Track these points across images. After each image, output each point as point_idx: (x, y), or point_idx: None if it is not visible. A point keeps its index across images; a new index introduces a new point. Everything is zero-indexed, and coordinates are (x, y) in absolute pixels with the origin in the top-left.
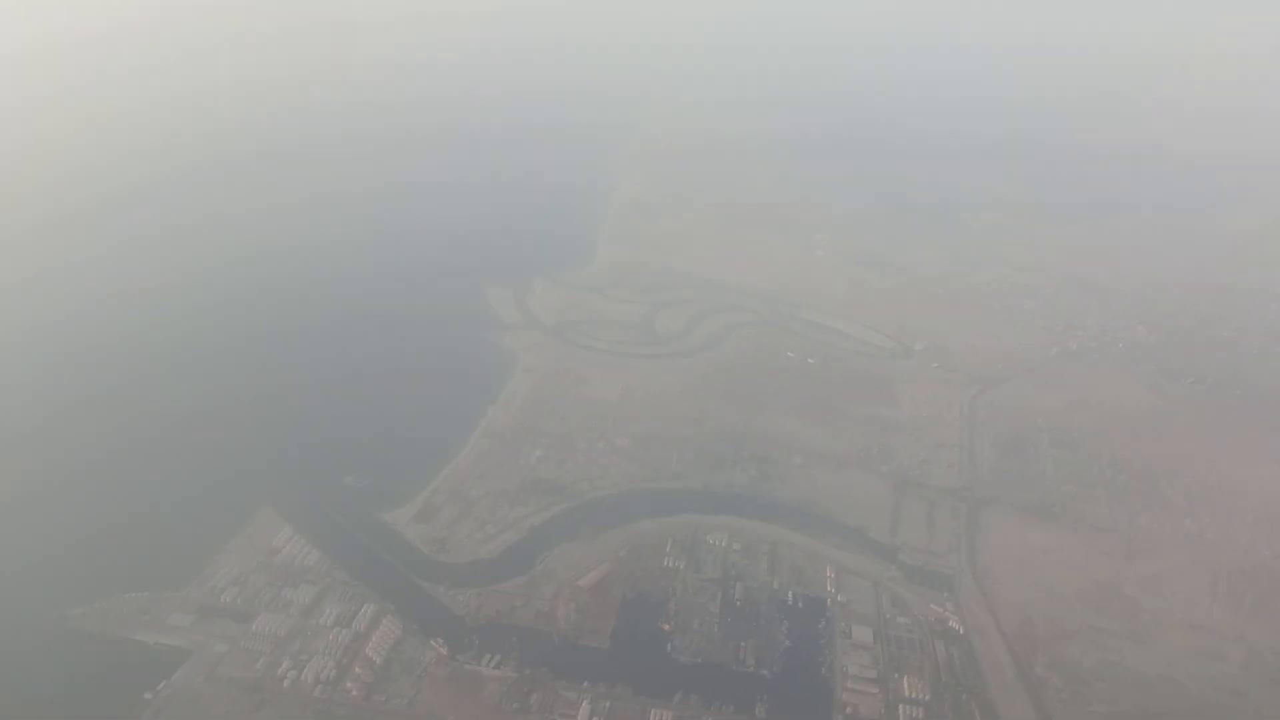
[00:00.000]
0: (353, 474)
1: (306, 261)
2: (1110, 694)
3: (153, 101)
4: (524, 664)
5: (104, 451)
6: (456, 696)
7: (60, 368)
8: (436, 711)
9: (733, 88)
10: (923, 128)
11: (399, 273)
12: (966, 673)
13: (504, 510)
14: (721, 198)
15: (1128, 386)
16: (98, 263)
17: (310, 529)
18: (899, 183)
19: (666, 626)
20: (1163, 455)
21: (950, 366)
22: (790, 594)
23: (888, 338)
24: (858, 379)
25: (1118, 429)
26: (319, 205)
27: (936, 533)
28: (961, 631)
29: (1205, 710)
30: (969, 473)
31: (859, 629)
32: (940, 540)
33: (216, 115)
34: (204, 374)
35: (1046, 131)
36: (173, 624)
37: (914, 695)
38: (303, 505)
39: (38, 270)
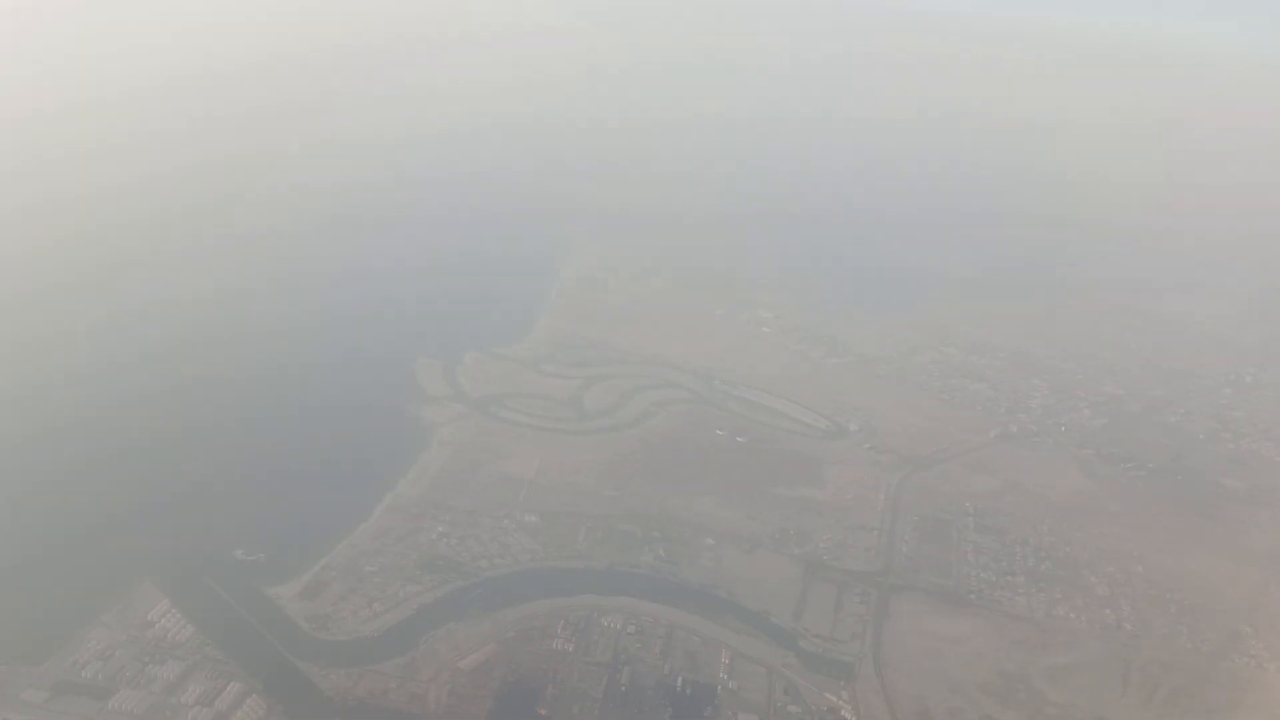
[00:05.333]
0: (244, 547)
1: (226, 329)
2: None
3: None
4: None
5: None
6: None
7: None
8: None
9: (698, 161)
10: (880, 201)
11: (325, 343)
12: None
13: (396, 587)
14: (674, 272)
15: (1063, 471)
16: None
17: (189, 603)
18: (852, 258)
19: (544, 712)
20: (1090, 543)
21: (883, 448)
22: (680, 680)
23: (823, 417)
24: (785, 459)
25: (1047, 515)
26: (254, 278)
27: (842, 619)
28: None
29: None
30: (885, 557)
31: (746, 717)
32: (845, 627)
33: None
34: (95, 440)
35: (1003, 206)
36: (25, 699)
37: None
38: (186, 578)
39: None
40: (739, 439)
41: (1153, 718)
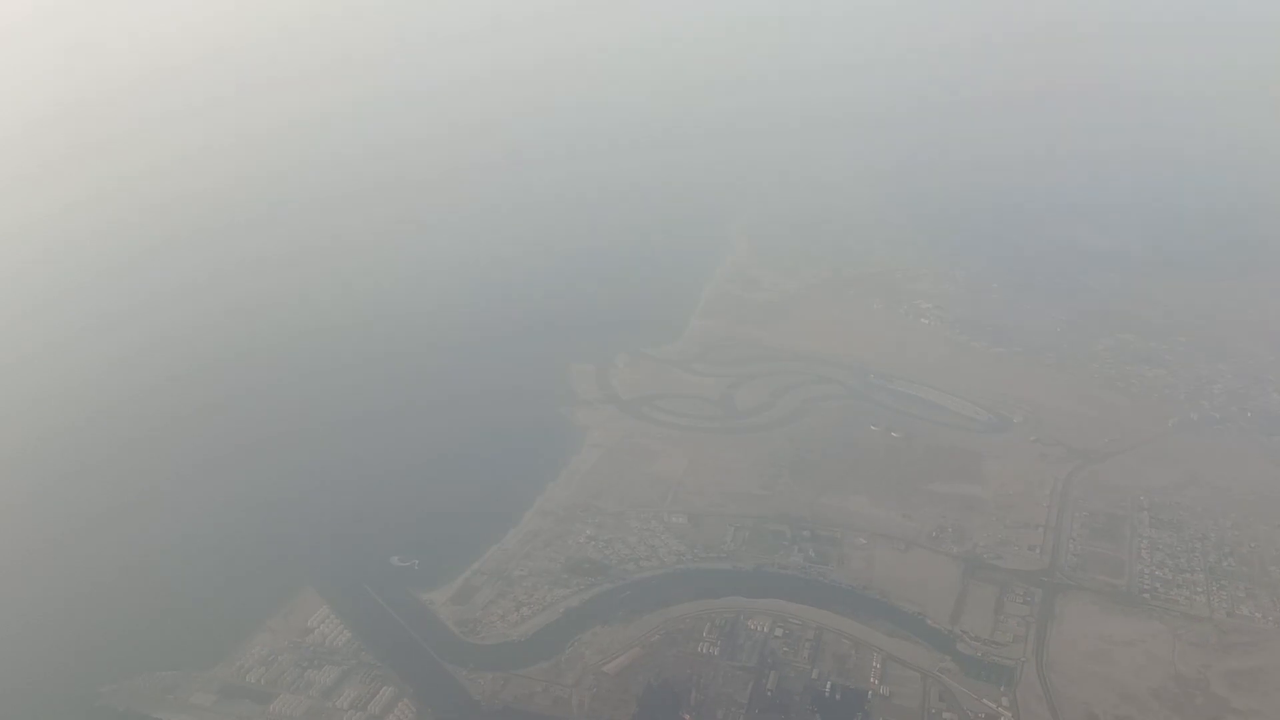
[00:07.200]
0: (399, 553)
1: (387, 336)
2: None
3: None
4: None
5: (156, 533)
6: None
7: (115, 456)
8: None
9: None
10: (1050, 183)
11: (483, 348)
12: None
13: (543, 591)
14: (828, 266)
15: (1250, 461)
16: (146, 350)
17: (347, 609)
18: (1018, 242)
19: (687, 716)
20: (1278, 538)
21: (1050, 440)
22: (829, 685)
23: (985, 410)
24: (942, 454)
25: (1231, 508)
26: (408, 278)
27: (1003, 621)
28: None
29: None
30: (1051, 556)
31: None
32: (1006, 629)
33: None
34: (266, 451)
35: (1183, 184)
36: (195, 703)
37: None
38: (344, 585)
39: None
40: (894, 434)
41: None
